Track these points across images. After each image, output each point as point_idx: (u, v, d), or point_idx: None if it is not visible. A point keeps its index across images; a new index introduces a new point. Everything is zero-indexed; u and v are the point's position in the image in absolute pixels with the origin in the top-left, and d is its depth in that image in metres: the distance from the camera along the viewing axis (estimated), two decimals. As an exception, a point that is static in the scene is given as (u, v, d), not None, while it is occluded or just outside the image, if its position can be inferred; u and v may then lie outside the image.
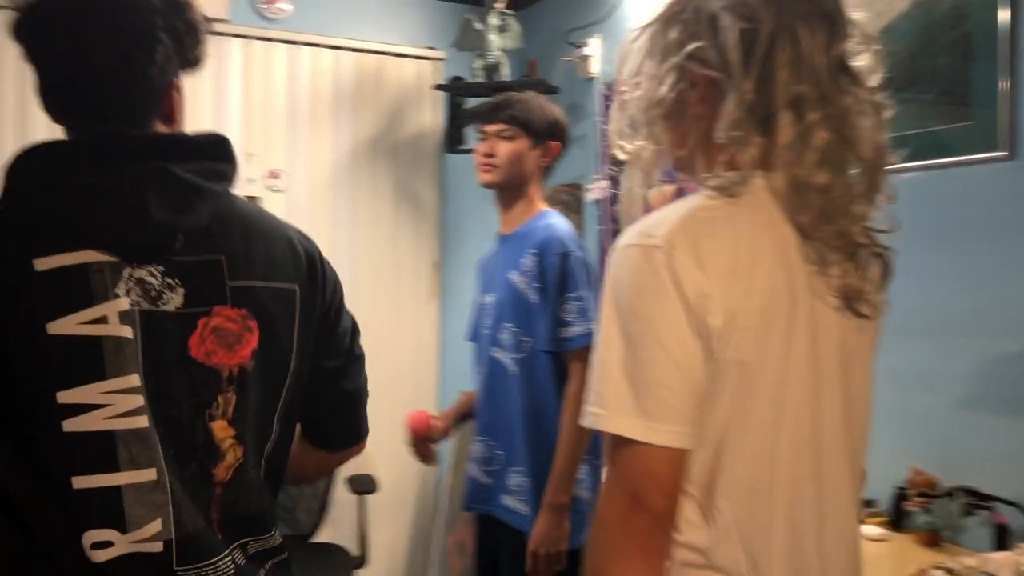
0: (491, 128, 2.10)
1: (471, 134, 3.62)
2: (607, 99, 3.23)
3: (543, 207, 2.14)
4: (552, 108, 2.14)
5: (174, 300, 1.03)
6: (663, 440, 0.90)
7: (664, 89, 0.99)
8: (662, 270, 0.90)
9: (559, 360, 2.00)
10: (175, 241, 1.02)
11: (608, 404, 0.93)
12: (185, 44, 1.09)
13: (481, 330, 2.14)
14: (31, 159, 1.02)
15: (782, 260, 0.94)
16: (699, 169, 1.01)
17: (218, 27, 3.20)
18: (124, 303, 0.99)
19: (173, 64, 1.08)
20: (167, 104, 1.10)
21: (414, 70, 3.57)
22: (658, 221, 0.94)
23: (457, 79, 3.52)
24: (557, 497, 1.94)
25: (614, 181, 3.20)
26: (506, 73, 3.26)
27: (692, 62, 0.98)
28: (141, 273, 1.01)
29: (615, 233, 3.20)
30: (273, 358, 1.12)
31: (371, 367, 3.66)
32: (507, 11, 3.27)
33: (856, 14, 0.99)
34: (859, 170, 0.98)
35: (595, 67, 3.28)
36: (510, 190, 2.12)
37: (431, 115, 3.61)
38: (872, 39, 1.00)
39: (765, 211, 0.95)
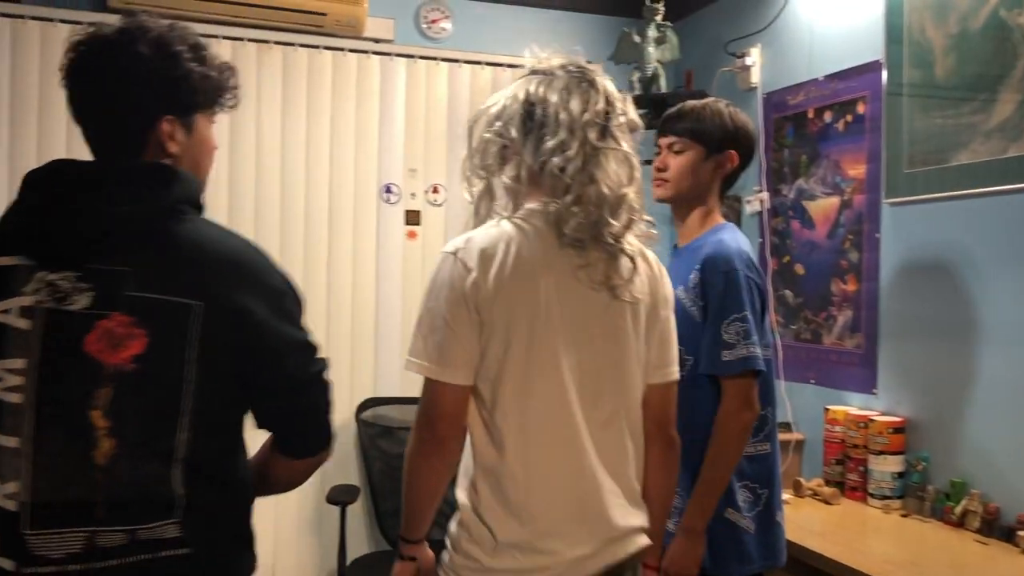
0: (663, 141, 2.03)
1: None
2: (769, 109, 3.16)
3: (719, 220, 2.04)
4: (733, 115, 2.02)
5: (80, 302, 1.20)
6: (447, 379, 1.43)
7: (487, 154, 1.52)
8: (452, 268, 1.44)
9: (718, 383, 1.89)
10: (88, 253, 1.21)
11: (416, 355, 1.45)
12: (181, 90, 1.32)
13: None
14: (26, 179, 1.27)
15: (546, 260, 1.44)
16: (503, 203, 1.52)
17: (384, 48, 3.35)
18: (27, 300, 1.20)
19: (157, 107, 1.30)
20: (154, 140, 1.31)
21: (570, 84, 3.60)
22: (464, 237, 1.48)
23: (613, 92, 3.53)
24: (694, 521, 1.85)
25: (775, 193, 3.12)
26: (663, 85, 3.24)
27: (498, 137, 1.51)
28: (54, 277, 1.21)
29: (775, 246, 3.11)
30: (162, 366, 1.22)
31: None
32: (665, 23, 3.25)
33: (612, 88, 1.54)
34: (610, 200, 1.45)
35: (756, 77, 3.21)
36: (684, 202, 2.03)
37: (586, 128, 3.62)
38: (624, 106, 1.54)
39: (538, 228, 1.46)
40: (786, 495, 2.66)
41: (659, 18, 3.23)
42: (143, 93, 1.30)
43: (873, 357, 2.69)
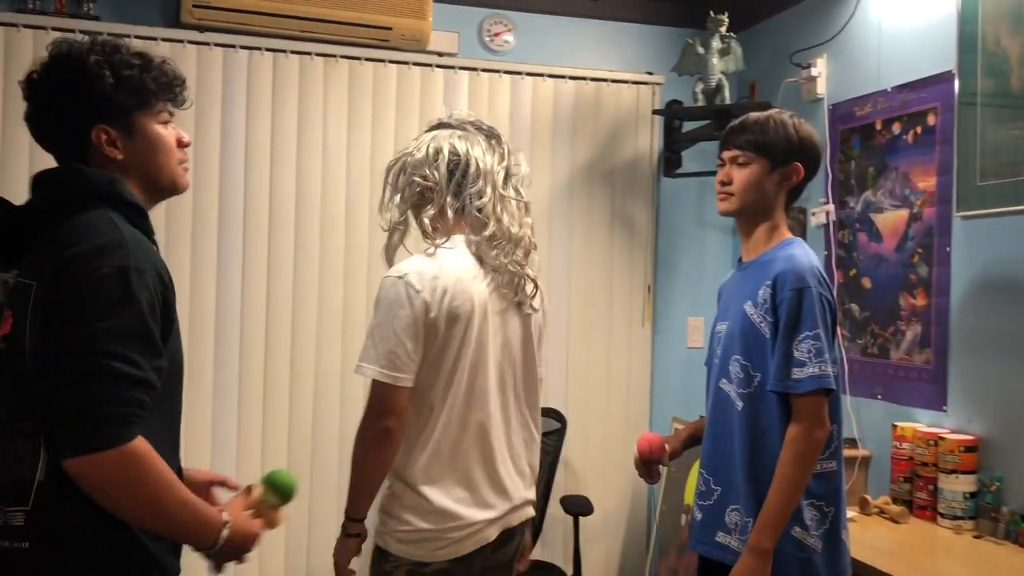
0: (727, 154, 2.01)
1: (688, 158, 3.60)
2: (835, 120, 3.12)
3: (787, 235, 2.02)
4: (798, 126, 1.99)
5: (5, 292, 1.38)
6: (396, 382, 1.77)
7: (407, 192, 1.92)
8: (402, 289, 1.79)
9: (786, 400, 1.87)
10: (21, 254, 1.38)
11: (368, 361, 1.77)
12: (99, 98, 1.39)
13: (713, 358, 2.06)
14: None
15: (474, 282, 1.83)
16: (431, 235, 1.89)
17: (447, 61, 3.39)
18: None
19: (84, 119, 1.40)
20: (93, 149, 1.41)
21: (632, 95, 3.60)
22: (407, 264, 1.83)
23: (675, 103, 3.52)
24: (762, 541, 1.82)
25: (841, 205, 3.07)
26: (727, 96, 3.22)
27: (422, 180, 1.89)
28: (5, 276, 1.40)
29: (841, 259, 3.07)
30: (18, 346, 1.31)
31: (584, 388, 3.71)
32: (729, 34, 3.24)
33: (510, 145, 1.95)
34: (515, 236, 1.87)
35: (821, 88, 3.17)
36: (749, 216, 2.02)
37: (647, 139, 3.62)
38: (519, 158, 1.97)
39: (465, 256, 1.85)
40: (852, 513, 2.61)
41: (723, 29, 3.22)
42: (64, 108, 1.41)
43: (943, 373, 2.63)
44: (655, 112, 3.56)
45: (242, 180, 3.17)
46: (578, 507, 3.12)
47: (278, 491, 1.54)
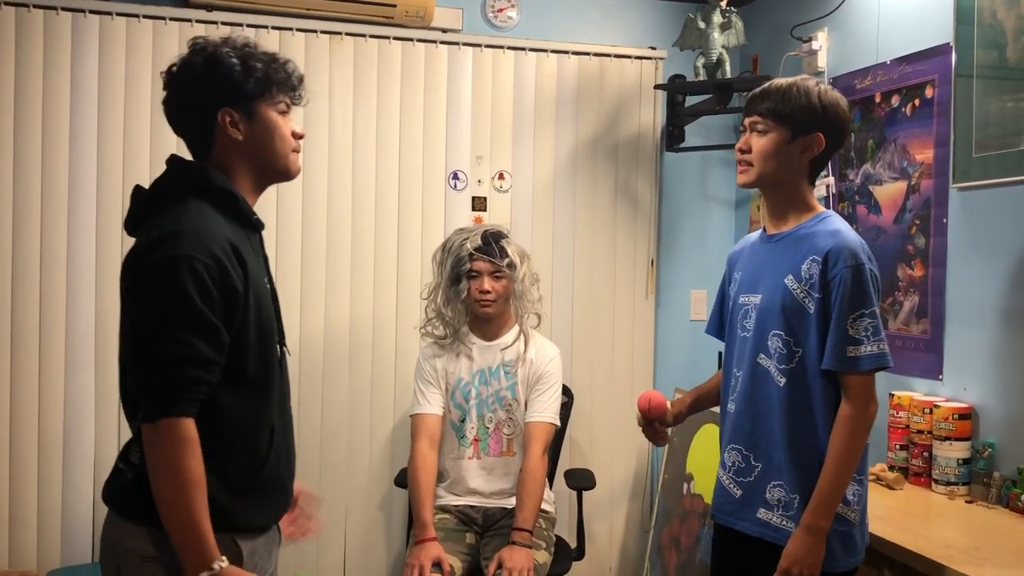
0: (747, 121, 1.94)
1: (691, 132, 3.63)
2: (834, 94, 3.14)
3: (819, 208, 1.96)
4: (822, 94, 1.90)
5: None
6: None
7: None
8: None
9: (831, 377, 1.85)
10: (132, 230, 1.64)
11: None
12: (246, 81, 1.60)
13: (739, 330, 2.00)
14: None
15: None
16: None
17: (451, 37, 3.42)
18: None
19: (218, 99, 1.59)
20: (216, 126, 1.61)
21: (635, 70, 3.63)
22: None
23: (678, 77, 3.54)
24: (819, 519, 1.82)
25: (842, 177, 3.11)
26: (728, 70, 3.24)
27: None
28: None
29: (841, 232, 3.10)
30: None
31: (588, 362, 3.78)
32: (730, 8, 3.25)
33: None
34: None
35: (822, 61, 3.19)
36: (770, 187, 1.96)
37: (650, 114, 3.65)
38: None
39: None
40: (849, 479, 2.67)
41: (724, 3, 3.23)
42: (198, 92, 1.61)
43: (939, 343, 2.68)
44: (657, 87, 3.59)
45: (250, 157, 3.22)
46: (582, 481, 3.17)
47: None
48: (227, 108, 1.60)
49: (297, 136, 1.70)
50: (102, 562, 1.59)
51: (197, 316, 1.47)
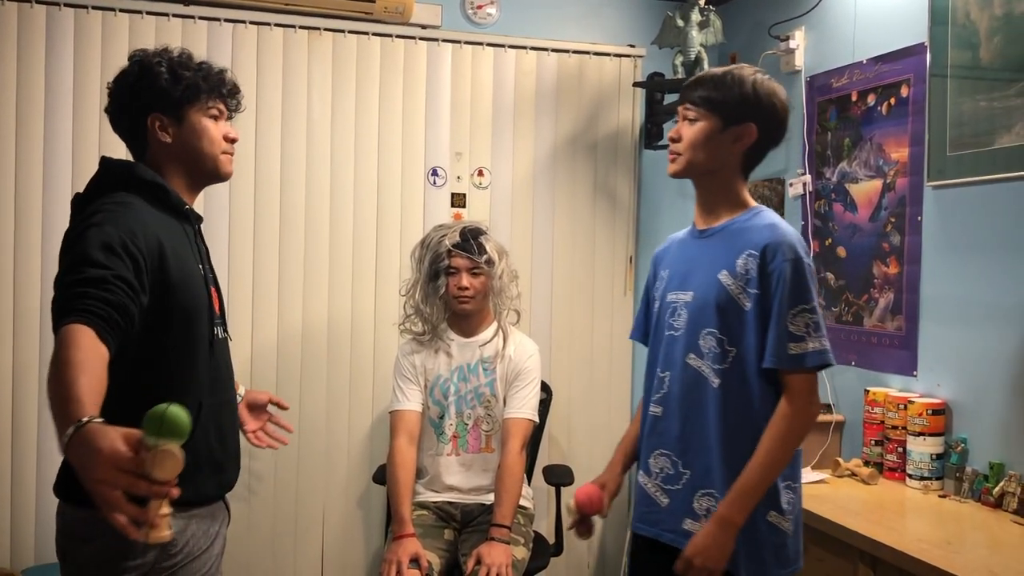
0: (680, 109, 1.87)
1: (669, 130, 3.64)
2: (813, 92, 3.16)
3: (752, 203, 1.88)
4: (758, 84, 1.82)
5: None
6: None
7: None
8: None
9: (768, 377, 1.76)
10: None
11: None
12: (173, 89, 1.72)
13: (666, 330, 1.90)
14: None
15: None
16: None
17: (430, 33, 3.41)
18: None
19: (148, 105, 1.72)
20: (147, 130, 1.74)
21: (614, 68, 3.64)
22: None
23: (656, 75, 3.56)
24: (733, 514, 1.72)
25: (818, 176, 3.13)
26: (706, 68, 3.25)
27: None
28: None
29: (817, 229, 3.13)
30: None
31: (566, 359, 3.77)
32: (708, 6, 3.27)
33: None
34: None
35: (799, 60, 3.22)
36: (702, 178, 1.88)
37: (629, 112, 3.66)
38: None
39: None
40: (824, 475, 2.70)
41: (702, 2, 3.25)
42: (131, 100, 1.74)
43: (914, 339, 2.71)
44: (636, 84, 3.60)
45: (227, 153, 3.20)
46: (560, 477, 3.18)
47: (152, 425, 1.21)
48: (156, 114, 1.73)
49: (229, 139, 1.81)
50: (56, 551, 1.64)
51: (92, 259, 1.49)
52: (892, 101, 2.81)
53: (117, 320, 1.45)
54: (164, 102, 1.73)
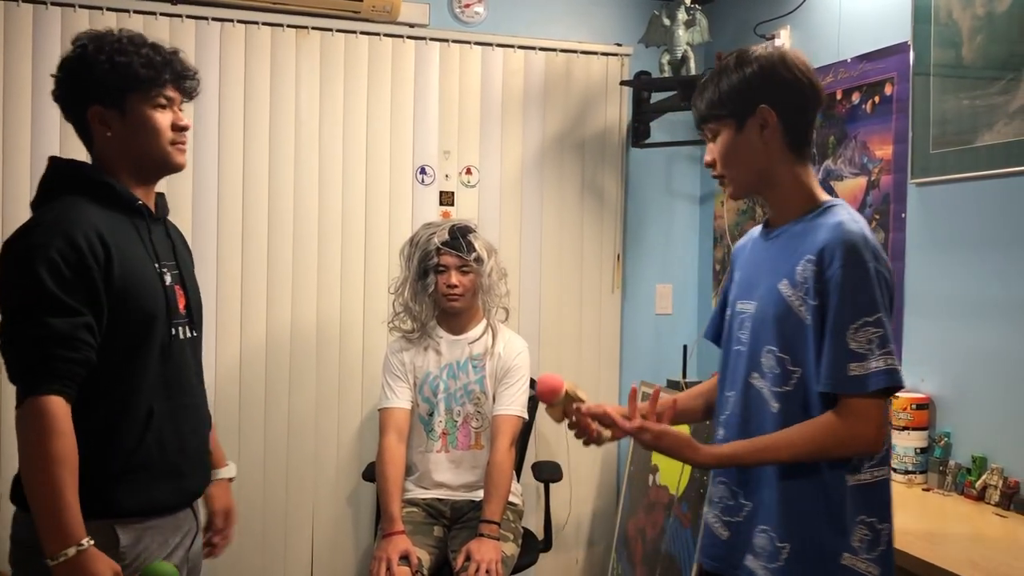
0: (701, 136, 1.72)
1: (656, 128, 3.67)
2: (796, 91, 3.18)
3: (822, 195, 1.64)
4: (744, 63, 1.62)
5: None
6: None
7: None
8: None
9: (834, 402, 1.51)
10: None
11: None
12: (110, 78, 1.59)
13: (734, 343, 1.70)
14: None
15: None
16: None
17: (418, 32, 3.42)
18: None
19: (87, 97, 1.61)
20: (88, 124, 1.64)
21: (601, 67, 3.66)
22: None
23: (643, 74, 3.57)
24: (706, 454, 1.58)
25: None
26: (693, 67, 3.28)
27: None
28: None
29: (803, 226, 3.15)
30: None
31: (555, 356, 3.78)
32: (695, 5, 3.29)
33: None
34: None
35: (784, 58, 3.23)
36: (758, 185, 1.67)
37: (616, 110, 3.68)
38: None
39: None
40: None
41: (688, 1, 3.27)
42: (68, 91, 1.65)
43: (898, 335, 2.74)
44: (623, 83, 3.62)
45: (215, 152, 3.20)
46: (549, 473, 3.19)
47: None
48: (95, 107, 1.62)
49: (178, 128, 1.68)
50: (8, 557, 1.61)
51: (51, 299, 1.48)
52: (876, 99, 2.84)
53: (81, 375, 1.51)
54: (102, 93, 1.60)
